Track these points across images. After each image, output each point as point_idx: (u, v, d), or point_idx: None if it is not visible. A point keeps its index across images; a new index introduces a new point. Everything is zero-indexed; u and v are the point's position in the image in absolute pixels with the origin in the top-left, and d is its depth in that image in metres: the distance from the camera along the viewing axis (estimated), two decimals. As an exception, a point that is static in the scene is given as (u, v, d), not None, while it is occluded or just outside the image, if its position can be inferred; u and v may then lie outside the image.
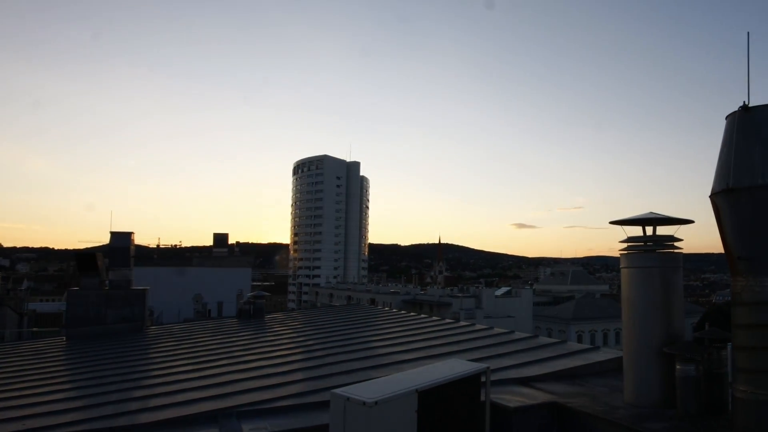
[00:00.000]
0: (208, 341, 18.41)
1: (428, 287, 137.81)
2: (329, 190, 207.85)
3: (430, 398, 6.37)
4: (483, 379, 7.54)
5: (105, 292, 23.17)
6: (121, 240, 24.35)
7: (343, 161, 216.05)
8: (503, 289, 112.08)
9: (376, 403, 5.70)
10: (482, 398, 7.57)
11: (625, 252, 9.32)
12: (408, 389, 6.15)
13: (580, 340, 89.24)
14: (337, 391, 6.04)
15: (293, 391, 10.73)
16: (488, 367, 7.55)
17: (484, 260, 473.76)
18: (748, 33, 7.08)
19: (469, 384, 7.08)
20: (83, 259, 24.10)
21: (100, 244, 24.68)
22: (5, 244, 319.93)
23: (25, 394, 12.07)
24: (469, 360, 12.22)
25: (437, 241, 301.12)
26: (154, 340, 20.04)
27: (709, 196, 7.67)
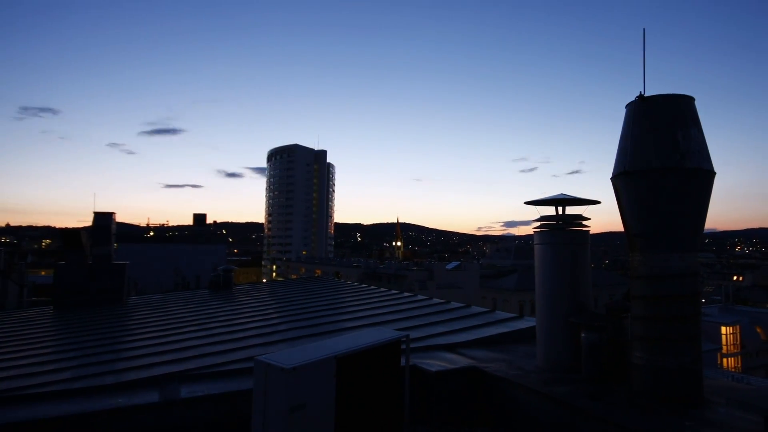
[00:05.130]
0: (179, 310, 17.92)
1: (387, 261, 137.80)
2: (299, 175, 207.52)
3: (349, 364, 6.04)
4: (404, 346, 7.23)
5: (88, 266, 22.53)
6: (103, 219, 23.75)
7: (311, 150, 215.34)
8: (453, 264, 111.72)
9: (294, 369, 5.37)
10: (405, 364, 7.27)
11: (539, 230, 9.09)
12: (327, 356, 5.82)
13: (522, 308, 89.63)
14: (260, 357, 5.68)
15: (243, 356, 10.34)
16: (408, 335, 7.23)
17: (437, 237, 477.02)
18: (644, 29, 6.85)
19: (389, 350, 6.75)
20: (69, 236, 23.41)
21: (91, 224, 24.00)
22: (12, 223, 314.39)
23: (6, 359, 11.56)
24: (405, 327, 11.99)
25: (396, 221, 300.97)
26: (131, 310, 19.45)
27: (610, 179, 7.43)
